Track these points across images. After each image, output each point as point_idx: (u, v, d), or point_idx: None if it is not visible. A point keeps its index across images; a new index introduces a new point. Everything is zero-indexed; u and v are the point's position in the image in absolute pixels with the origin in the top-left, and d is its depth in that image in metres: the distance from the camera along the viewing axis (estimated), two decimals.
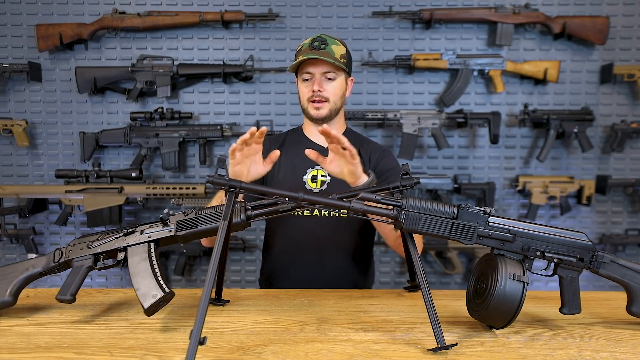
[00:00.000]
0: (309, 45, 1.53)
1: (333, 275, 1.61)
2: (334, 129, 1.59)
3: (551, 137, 2.47)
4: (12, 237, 2.52)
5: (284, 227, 1.64)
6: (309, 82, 1.56)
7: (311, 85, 1.55)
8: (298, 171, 1.61)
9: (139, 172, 2.38)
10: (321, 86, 1.54)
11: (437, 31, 2.54)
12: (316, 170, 1.61)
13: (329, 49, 1.52)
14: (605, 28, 2.43)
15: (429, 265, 2.64)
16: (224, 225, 0.99)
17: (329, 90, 1.55)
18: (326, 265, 1.62)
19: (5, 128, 2.47)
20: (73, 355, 0.93)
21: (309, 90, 1.56)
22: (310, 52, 1.51)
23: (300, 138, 1.69)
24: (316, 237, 1.60)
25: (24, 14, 2.52)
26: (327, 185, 1.59)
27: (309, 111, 1.59)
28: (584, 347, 0.99)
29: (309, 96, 1.56)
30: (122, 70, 2.46)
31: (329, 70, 1.54)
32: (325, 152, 1.58)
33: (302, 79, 1.57)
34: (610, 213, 2.63)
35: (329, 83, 1.56)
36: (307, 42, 1.55)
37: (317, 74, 1.54)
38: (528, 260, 1.06)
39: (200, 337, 0.85)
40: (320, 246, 1.60)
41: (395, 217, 1.02)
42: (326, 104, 1.56)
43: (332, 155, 1.30)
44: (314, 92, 1.54)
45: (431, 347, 0.95)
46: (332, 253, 1.61)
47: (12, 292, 1.14)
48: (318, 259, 1.61)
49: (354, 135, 1.72)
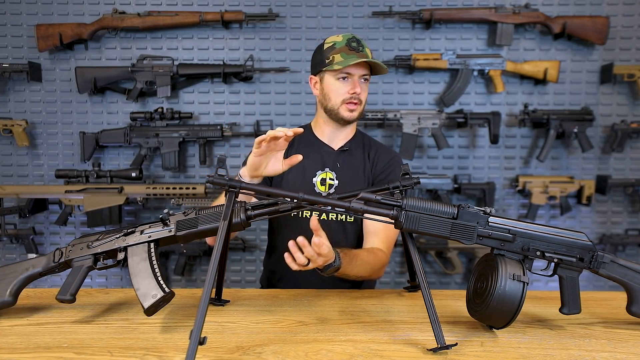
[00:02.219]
0: (345, 45, 1.49)
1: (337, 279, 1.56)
2: (347, 131, 1.63)
3: (551, 137, 2.47)
4: (12, 237, 2.52)
5: (290, 229, 1.60)
6: (347, 82, 1.51)
7: (350, 86, 1.51)
8: (308, 173, 1.59)
9: (139, 172, 2.38)
10: (361, 88, 1.52)
11: (437, 31, 2.54)
12: (325, 173, 1.59)
13: (366, 52, 1.51)
14: (605, 28, 2.43)
15: (429, 265, 2.64)
16: (224, 225, 0.99)
17: (364, 94, 1.54)
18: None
19: (5, 128, 2.47)
20: (73, 355, 0.93)
21: (347, 91, 1.51)
22: (351, 52, 1.48)
23: (310, 139, 1.64)
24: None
25: (24, 14, 2.52)
26: (334, 189, 1.58)
27: (340, 112, 1.54)
28: (584, 347, 0.99)
29: (346, 97, 1.51)
30: (122, 70, 2.45)
31: (367, 73, 1.53)
32: (334, 154, 1.61)
33: (337, 78, 1.51)
34: (610, 213, 2.63)
35: (364, 86, 1.54)
36: (342, 41, 1.51)
37: (356, 75, 1.51)
38: (528, 260, 1.06)
39: (200, 337, 0.85)
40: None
41: (395, 217, 1.02)
42: (359, 107, 1.55)
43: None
44: (354, 94, 1.51)
45: (431, 347, 0.95)
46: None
47: (12, 292, 1.14)
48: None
49: (363, 138, 1.69)
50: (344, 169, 1.60)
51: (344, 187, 1.57)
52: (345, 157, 1.61)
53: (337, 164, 1.60)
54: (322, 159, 1.60)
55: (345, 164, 1.60)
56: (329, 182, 1.58)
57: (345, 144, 1.63)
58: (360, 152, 1.63)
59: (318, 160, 1.60)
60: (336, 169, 1.59)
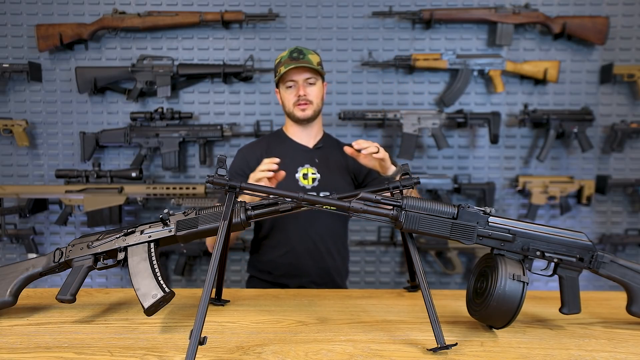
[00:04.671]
0: (288, 57, 1.70)
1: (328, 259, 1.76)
2: (315, 130, 1.81)
3: (551, 137, 2.47)
4: (12, 237, 2.53)
5: (285, 222, 1.74)
6: (293, 89, 1.73)
7: (295, 91, 1.72)
8: (290, 170, 1.70)
9: (139, 172, 2.38)
10: (305, 91, 1.71)
11: (437, 31, 2.54)
12: (306, 169, 1.76)
13: (307, 59, 1.69)
14: (605, 28, 2.43)
15: (429, 265, 2.64)
16: (224, 225, 0.99)
17: (311, 93, 1.73)
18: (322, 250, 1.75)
19: (6, 128, 2.47)
20: (73, 355, 0.93)
21: (294, 95, 1.73)
22: (292, 62, 1.67)
23: (283, 139, 1.83)
24: (314, 227, 1.73)
25: (24, 14, 2.52)
26: (318, 182, 1.74)
27: (294, 113, 1.75)
28: (584, 347, 0.99)
29: (295, 101, 1.73)
30: (122, 70, 2.46)
31: (310, 76, 1.71)
32: (311, 152, 1.79)
33: (286, 87, 1.73)
34: (610, 213, 2.63)
35: (311, 87, 1.73)
36: (286, 55, 1.72)
37: (300, 80, 1.71)
38: (528, 260, 1.06)
39: (200, 337, 0.85)
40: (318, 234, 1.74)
41: (395, 217, 1.02)
42: (310, 106, 1.74)
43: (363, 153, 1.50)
44: (300, 96, 1.71)
45: (431, 347, 0.95)
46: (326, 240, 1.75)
47: (12, 292, 1.14)
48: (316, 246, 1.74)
49: (332, 140, 1.88)
50: (322, 164, 1.77)
51: (326, 179, 1.74)
52: (321, 153, 1.80)
53: (315, 159, 1.78)
54: (300, 156, 1.78)
55: (323, 159, 1.78)
56: (312, 176, 1.75)
57: (318, 141, 1.82)
58: (334, 149, 1.81)
59: (296, 157, 1.78)
60: (315, 164, 1.76)
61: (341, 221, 1.81)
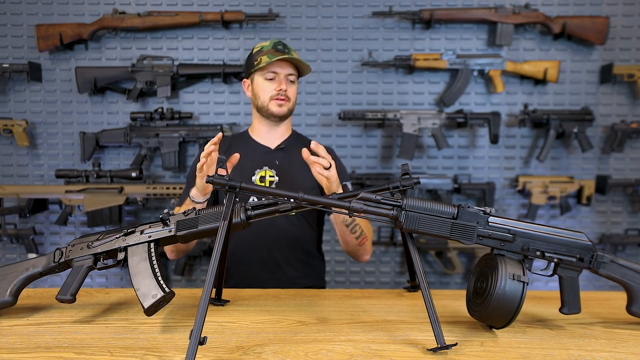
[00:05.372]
0: (272, 48, 1.61)
1: (288, 269, 1.67)
2: (282, 130, 1.72)
3: (551, 137, 2.47)
4: (12, 237, 2.52)
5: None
6: (273, 82, 1.63)
7: (277, 84, 1.62)
8: (246, 172, 1.66)
9: (139, 172, 2.38)
10: (286, 86, 1.63)
11: (437, 31, 2.54)
12: (264, 171, 1.68)
13: (291, 54, 1.62)
14: (605, 28, 2.43)
15: (429, 265, 2.64)
16: (224, 225, 0.99)
17: (290, 91, 1.65)
18: (279, 260, 1.66)
19: (6, 128, 2.47)
20: (73, 355, 0.93)
21: (274, 88, 1.62)
22: (277, 53, 1.59)
23: (246, 140, 1.75)
24: (269, 234, 1.64)
25: (24, 14, 2.52)
26: (275, 185, 1.66)
27: (269, 108, 1.64)
28: (584, 347, 0.99)
29: (274, 94, 1.63)
30: (122, 70, 2.46)
31: (293, 73, 1.64)
32: (272, 153, 1.70)
33: (265, 78, 1.63)
34: (610, 213, 2.63)
35: (291, 85, 1.66)
36: (268, 45, 1.63)
37: (282, 74, 1.62)
38: (528, 260, 1.06)
39: (200, 337, 0.85)
40: (273, 242, 1.65)
41: (395, 217, 1.02)
42: (287, 103, 1.65)
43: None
44: (280, 90, 1.62)
45: (431, 347, 0.95)
46: (284, 248, 1.66)
47: (12, 292, 1.14)
48: (271, 255, 1.66)
49: (299, 138, 1.79)
50: (283, 166, 1.69)
51: (284, 182, 1.66)
52: (283, 154, 1.71)
53: (276, 161, 1.69)
54: (260, 158, 1.69)
55: (285, 161, 1.70)
56: (269, 179, 1.67)
57: (282, 142, 1.72)
58: (298, 150, 1.64)
59: (255, 159, 1.69)
60: (275, 166, 1.68)
61: (306, 225, 1.69)
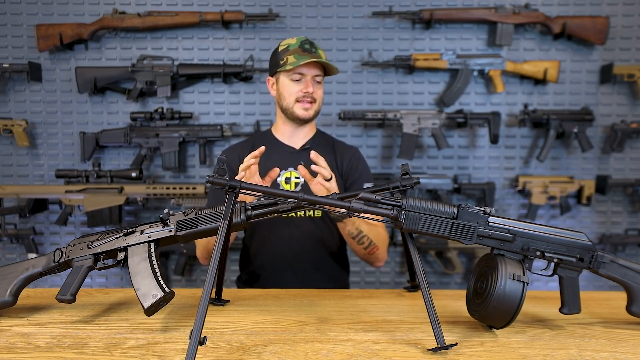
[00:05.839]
0: (299, 47, 1.55)
1: (312, 272, 1.66)
2: (306, 130, 1.69)
3: (551, 137, 2.47)
4: (12, 237, 2.52)
5: (263, 229, 1.66)
6: (299, 83, 1.58)
7: (303, 86, 1.58)
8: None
9: (139, 172, 2.38)
10: (313, 88, 1.58)
11: (437, 31, 2.54)
12: (289, 172, 1.65)
13: (319, 53, 1.57)
14: (605, 28, 2.43)
15: (429, 265, 2.64)
16: (224, 225, 0.99)
17: (317, 93, 1.61)
18: (304, 263, 1.65)
19: (6, 128, 2.47)
20: (73, 355, 0.93)
21: (300, 90, 1.58)
22: (304, 54, 1.54)
23: (271, 141, 1.71)
24: (294, 237, 1.63)
25: (24, 14, 2.52)
26: (300, 186, 1.63)
27: (294, 110, 1.61)
28: (584, 347, 0.99)
29: (299, 96, 1.59)
30: (122, 70, 2.46)
31: (320, 74, 1.59)
32: (296, 154, 1.67)
33: (292, 79, 1.58)
34: (610, 213, 2.63)
35: (318, 86, 1.61)
36: (295, 43, 1.57)
37: (309, 75, 1.58)
38: (528, 260, 1.06)
39: (200, 337, 0.85)
40: (298, 245, 1.64)
41: (395, 217, 1.02)
42: (314, 106, 1.61)
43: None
44: (307, 93, 1.57)
45: (431, 347, 0.95)
46: (309, 251, 1.65)
47: (12, 292, 1.14)
48: (296, 258, 1.64)
49: (324, 137, 1.75)
50: (308, 167, 1.63)
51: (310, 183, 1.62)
52: (308, 155, 1.64)
53: (301, 162, 1.63)
54: (285, 159, 1.66)
55: (310, 162, 1.63)
56: (295, 181, 1.64)
57: (307, 142, 1.69)
58: (323, 149, 1.65)
59: (280, 160, 1.65)
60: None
61: (332, 227, 1.66)
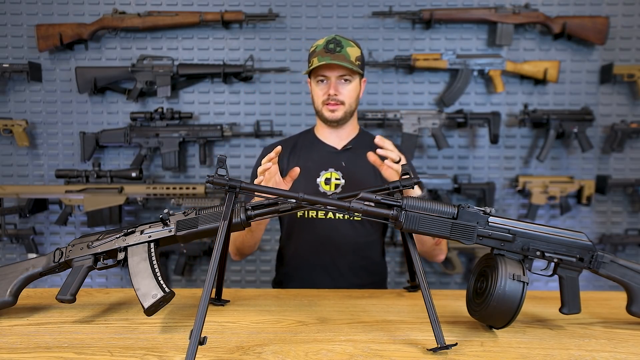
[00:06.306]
0: (323, 47, 1.50)
1: (350, 276, 1.61)
2: (347, 130, 1.63)
3: (551, 137, 2.47)
4: (12, 237, 2.52)
5: (299, 230, 1.62)
6: (324, 84, 1.54)
7: (326, 89, 1.54)
8: (312, 174, 1.60)
9: (139, 172, 2.38)
10: (337, 90, 1.53)
11: (437, 31, 2.54)
12: (330, 173, 1.60)
13: (344, 52, 1.50)
14: (605, 28, 2.43)
15: (429, 265, 2.64)
16: (224, 225, 0.99)
17: (344, 93, 1.54)
18: (341, 267, 1.61)
19: (6, 128, 2.47)
20: (73, 355, 0.93)
21: (324, 93, 1.54)
22: (326, 54, 1.49)
23: (312, 140, 1.67)
24: (332, 240, 1.59)
25: (24, 14, 2.52)
26: (341, 188, 1.58)
27: (323, 113, 1.58)
28: (584, 347, 0.99)
29: (324, 99, 1.55)
30: (122, 70, 2.46)
31: (345, 73, 1.52)
32: (338, 154, 1.62)
33: (317, 81, 1.55)
34: (610, 213, 2.63)
35: (345, 86, 1.54)
36: (322, 43, 1.52)
37: (332, 77, 1.53)
38: (528, 260, 1.06)
39: (200, 337, 0.85)
40: (336, 248, 1.59)
41: (395, 217, 1.02)
42: (341, 107, 1.55)
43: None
44: (330, 95, 1.53)
45: (431, 347, 0.95)
46: (348, 255, 1.60)
47: (12, 292, 1.14)
48: (333, 261, 1.60)
49: (368, 137, 1.68)
50: (349, 167, 1.60)
51: (351, 184, 1.57)
52: (349, 155, 1.62)
53: (342, 162, 1.61)
54: (325, 159, 1.61)
55: (351, 162, 1.61)
56: (335, 182, 1.59)
57: (349, 142, 1.64)
58: (365, 150, 1.59)
59: (320, 160, 1.62)
60: (341, 168, 1.60)
61: (370, 230, 1.61)
